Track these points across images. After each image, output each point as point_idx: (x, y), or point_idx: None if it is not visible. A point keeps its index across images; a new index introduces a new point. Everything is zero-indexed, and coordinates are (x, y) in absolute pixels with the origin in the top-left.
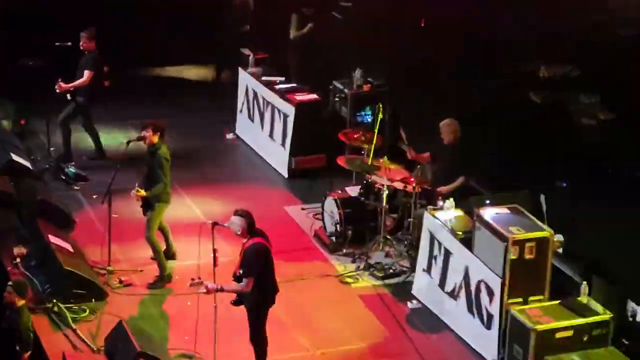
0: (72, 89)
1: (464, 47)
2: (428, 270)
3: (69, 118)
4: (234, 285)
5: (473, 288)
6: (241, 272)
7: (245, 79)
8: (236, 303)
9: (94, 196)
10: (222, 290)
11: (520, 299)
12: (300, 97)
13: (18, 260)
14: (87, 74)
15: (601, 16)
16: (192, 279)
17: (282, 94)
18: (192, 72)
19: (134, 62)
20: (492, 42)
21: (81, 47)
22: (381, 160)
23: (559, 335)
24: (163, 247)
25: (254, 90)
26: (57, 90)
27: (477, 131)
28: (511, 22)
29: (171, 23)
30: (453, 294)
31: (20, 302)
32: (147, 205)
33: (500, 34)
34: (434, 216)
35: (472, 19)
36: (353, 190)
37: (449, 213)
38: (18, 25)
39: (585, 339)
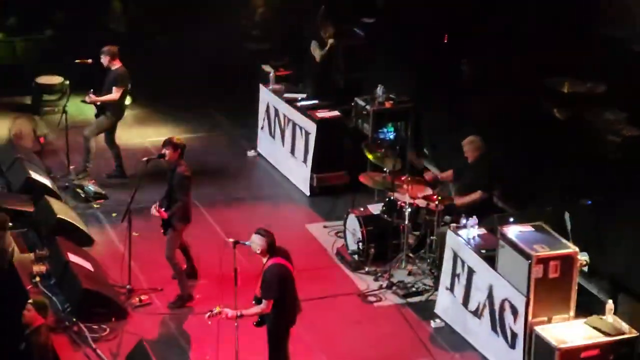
0: (99, 103)
1: (486, 62)
2: (451, 288)
3: (95, 134)
4: (253, 309)
5: (497, 307)
6: (261, 292)
7: (266, 96)
8: (259, 324)
9: (114, 214)
10: (242, 316)
11: (545, 318)
12: (322, 114)
13: (37, 278)
14: (115, 90)
15: (626, 32)
16: (211, 311)
17: (304, 111)
18: (211, 89)
19: (157, 79)
20: (515, 57)
21: (105, 66)
22: (403, 178)
23: (584, 354)
24: (184, 266)
25: (275, 107)
26: (87, 101)
27: (500, 148)
28: (534, 36)
29: (192, 40)
30: (477, 313)
31: (40, 322)
32: (167, 224)
33: (523, 48)
34: (457, 234)
35: (493, 32)
36: (375, 208)
37: (472, 231)
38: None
39: (611, 358)
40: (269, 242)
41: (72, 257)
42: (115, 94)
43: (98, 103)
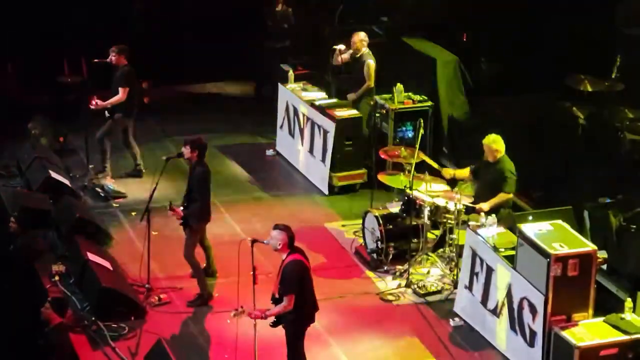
0: (108, 106)
1: (505, 60)
2: (470, 287)
3: (108, 135)
4: (276, 308)
5: (516, 305)
6: (280, 290)
7: (285, 95)
8: (275, 324)
9: (133, 213)
10: (266, 317)
11: (563, 316)
12: (341, 113)
13: (57, 277)
14: (121, 90)
15: None
16: (236, 309)
17: (323, 110)
18: (232, 88)
19: (175, 78)
20: (534, 55)
21: (112, 63)
22: (422, 176)
23: (603, 352)
24: (203, 265)
25: (293, 106)
26: (93, 108)
27: (520, 147)
28: (554, 34)
29: (211, 39)
30: (495, 312)
31: (58, 319)
32: (186, 223)
33: (543, 47)
34: (475, 233)
35: (513, 31)
36: (394, 207)
37: (490, 229)
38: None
39: (630, 356)
40: (289, 236)
41: (91, 256)
42: (121, 94)
43: (108, 106)
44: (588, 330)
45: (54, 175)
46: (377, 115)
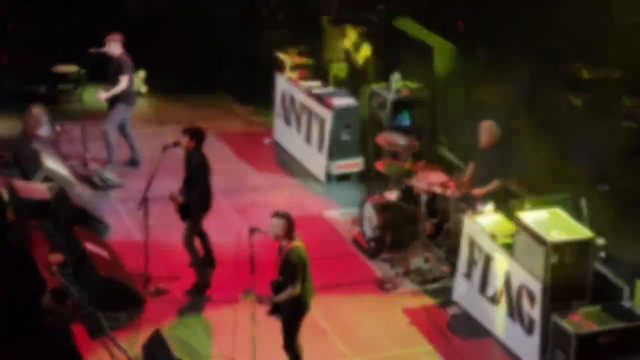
0: (111, 96)
1: (501, 48)
2: (468, 275)
3: (113, 125)
4: (283, 294)
5: (514, 293)
6: (281, 277)
7: (282, 84)
8: (273, 312)
9: (131, 203)
10: (274, 302)
11: (561, 304)
12: (338, 101)
13: (55, 267)
14: (123, 79)
15: None
16: (244, 291)
17: (320, 98)
18: (228, 77)
19: (172, 66)
20: (531, 42)
21: (108, 52)
22: (419, 164)
23: (601, 340)
24: (201, 253)
25: (290, 95)
26: (98, 99)
27: (517, 134)
28: (550, 22)
29: (209, 28)
30: (494, 300)
31: (59, 309)
32: (185, 212)
33: (539, 34)
34: (473, 221)
35: (508, 18)
36: (392, 195)
37: (488, 217)
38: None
39: (628, 344)
40: (289, 224)
41: (89, 246)
42: (123, 83)
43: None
44: (586, 318)
45: (50, 165)
46: (375, 104)
